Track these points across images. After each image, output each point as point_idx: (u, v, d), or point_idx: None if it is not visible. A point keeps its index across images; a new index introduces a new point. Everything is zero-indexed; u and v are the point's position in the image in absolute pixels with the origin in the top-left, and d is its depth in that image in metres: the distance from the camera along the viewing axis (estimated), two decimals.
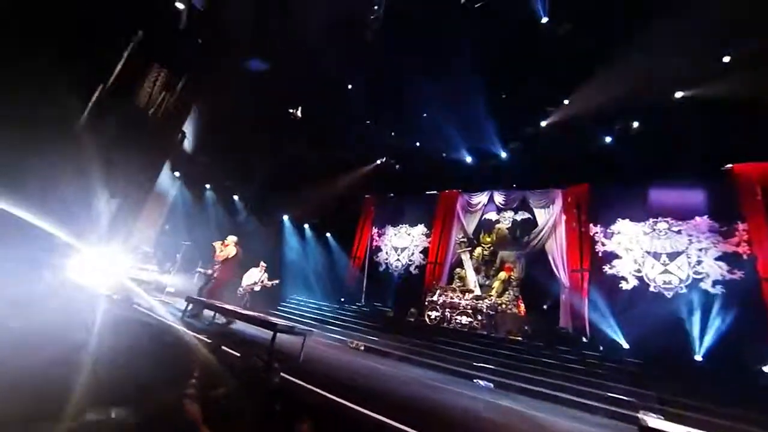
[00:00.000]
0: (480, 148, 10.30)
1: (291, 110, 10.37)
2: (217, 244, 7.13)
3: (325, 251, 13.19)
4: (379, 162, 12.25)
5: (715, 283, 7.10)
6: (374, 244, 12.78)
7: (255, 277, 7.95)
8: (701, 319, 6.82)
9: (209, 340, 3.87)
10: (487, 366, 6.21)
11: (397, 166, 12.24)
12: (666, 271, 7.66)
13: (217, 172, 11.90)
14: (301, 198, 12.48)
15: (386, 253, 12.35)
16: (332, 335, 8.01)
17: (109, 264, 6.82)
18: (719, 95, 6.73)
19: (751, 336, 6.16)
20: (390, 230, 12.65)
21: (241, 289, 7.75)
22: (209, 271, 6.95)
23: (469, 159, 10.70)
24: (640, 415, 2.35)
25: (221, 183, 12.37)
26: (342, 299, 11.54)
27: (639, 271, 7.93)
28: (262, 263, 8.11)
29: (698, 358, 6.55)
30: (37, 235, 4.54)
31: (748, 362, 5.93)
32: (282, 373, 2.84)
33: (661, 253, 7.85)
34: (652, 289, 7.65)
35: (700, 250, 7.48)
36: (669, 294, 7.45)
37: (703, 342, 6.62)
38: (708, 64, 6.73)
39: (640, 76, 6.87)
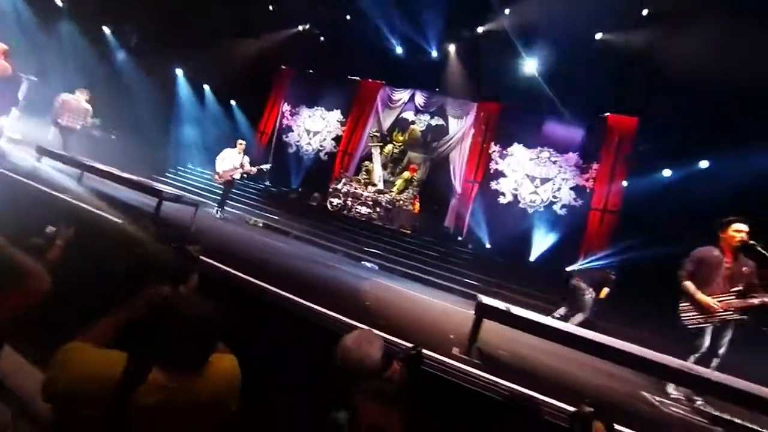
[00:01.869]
0: (413, 40, 9.64)
1: None
2: None
3: (227, 120, 11.82)
4: (301, 28, 10.59)
5: (563, 206, 8.87)
6: (285, 122, 11.93)
7: (233, 160, 6.41)
8: (544, 232, 8.66)
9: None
10: (377, 252, 7.05)
11: (321, 38, 10.80)
12: (535, 193, 9.17)
13: None
14: (205, 54, 10.31)
15: (298, 134, 11.74)
16: (229, 210, 7.84)
17: None
18: (629, 45, 7.34)
19: (568, 248, 8.20)
20: (304, 111, 11.82)
21: (216, 176, 6.35)
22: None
23: (399, 50, 10.02)
24: (478, 296, 3.04)
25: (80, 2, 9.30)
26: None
27: (516, 189, 9.33)
28: (240, 142, 6.65)
29: (532, 259, 8.52)
30: None
31: (561, 263, 8.06)
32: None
33: (536, 177, 9.24)
34: (521, 205, 9.19)
35: (563, 179, 9.03)
36: (530, 210, 9.09)
37: (538, 248, 8.56)
38: (629, 13, 7.11)
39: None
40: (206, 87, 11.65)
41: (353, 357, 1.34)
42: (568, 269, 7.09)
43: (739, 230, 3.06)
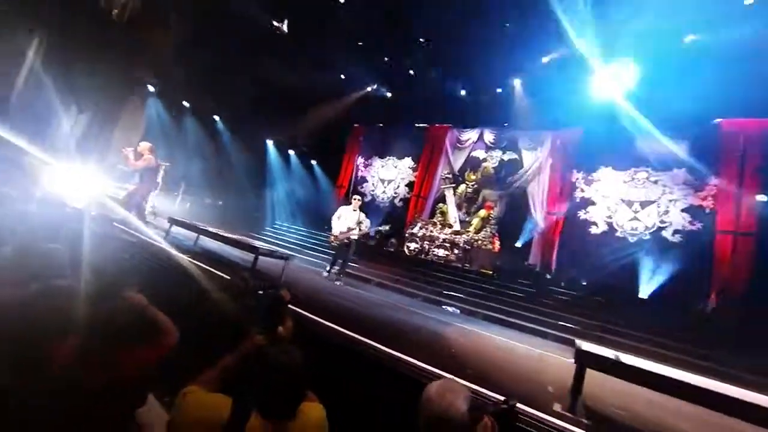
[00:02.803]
0: (476, 81, 9.85)
1: (275, 23, 9.42)
2: (129, 152, 5.84)
3: (310, 179, 13.16)
4: (369, 89, 11.63)
5: (675, 232, 7.59)
6: (360, 174, 12.78)
7: (349, 220, 5.96)
8: (655, 263, 7.42)
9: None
10: (457, 295, 6.78)
11: (389, 94, 11.68)
12: (635, 219, 8.08)
13: (196, 88, 11.13)
14: (287, 123, 12.01)
15: (372, 184, 12.43)
16: (315, 260, 8.41)
17: (86, 182, 6.66)
18: (732, 41, 6.41)
19: (694, 280, 6.85)
20: (377, 162, 12.57)
21: (332, 237, 5.99)
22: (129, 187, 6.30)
23: (463, 92, 10.28)
24: (577, 341, 2.70)
25: (200, 101, 11.66)
26: (327, 227, 11.84)
27: (610, 217, 8.34)
28: (355, 198, 6.26)
29: (643, 296, 7.28)
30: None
31: (686, 302, 6.71)
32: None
33: (634, 201, 8.19)
34: (618, 234, 8.14)
35: (671, 201, 7.83)
36: (633, 239, 7.97)
37: (651, 283, 7.31)
38: (729, 6, 6.30)
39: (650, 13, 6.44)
40: (291, 152, 13.27)
41: (436, 408, 1.28)
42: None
43: None
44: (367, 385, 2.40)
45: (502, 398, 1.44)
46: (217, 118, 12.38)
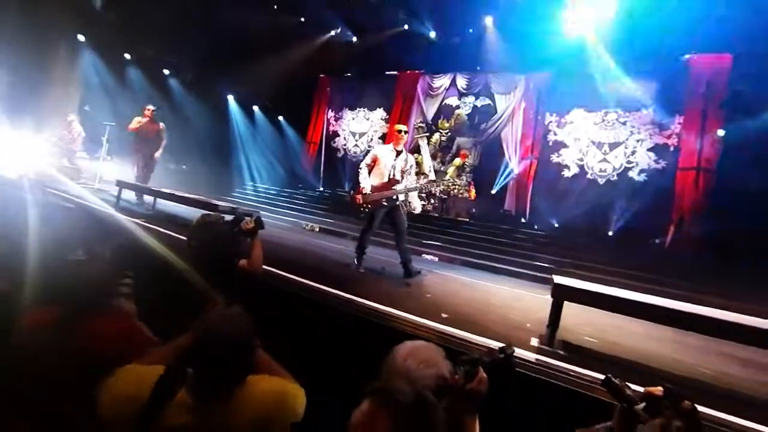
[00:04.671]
0: (446, 21, 9.23)
1: None
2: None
3: (279, 136, 12.44)
4: (333, 33, 10.70)
5: (641, 171, 7.78)
6: (331, 128, 12.20)
7: (390, 166, 3.93)
8: (622, 202, 7.67)
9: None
10: (435, 243, 6.82)
11: (354, 39, 10.82)
12: (604, 160, 8.20)
13: (136, 37, 9.86)
14: (247, 76, 10.98)
15: (344, 138, 11.93)
16: (287, 218, 8.17)
17: (21, 149, 5.96)
18: None
19: (657, 217, 7.17)
20: (348, 114, 11.98)
21: (358, 196, 4.05)
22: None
23: (433, 34, 9.65)
24: (554, 277, 2.71)
25: (144, 53, 10.41)
26: (300, 185, 11.49)
27: (581, 159, 8.42)
28: (400, 129, 4.07)
29: (610, 233, 7.60)
30: None
31: (650, 236, 7.07)
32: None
33: (604, 143, 8.25)
34: (589, 176, 8.28)
35: (638, 141, 7.93)
36: (601, 181, 8.14)
37: (618, 221, 7.60)
38: None
39: None
40: (255, 108, 12.37)
41: (394, 373, 1.07)
42: None
43: None
44: (347, 340, 2.32)
45: (496, 346, 1.25)
46: (166, 72, 11.19)
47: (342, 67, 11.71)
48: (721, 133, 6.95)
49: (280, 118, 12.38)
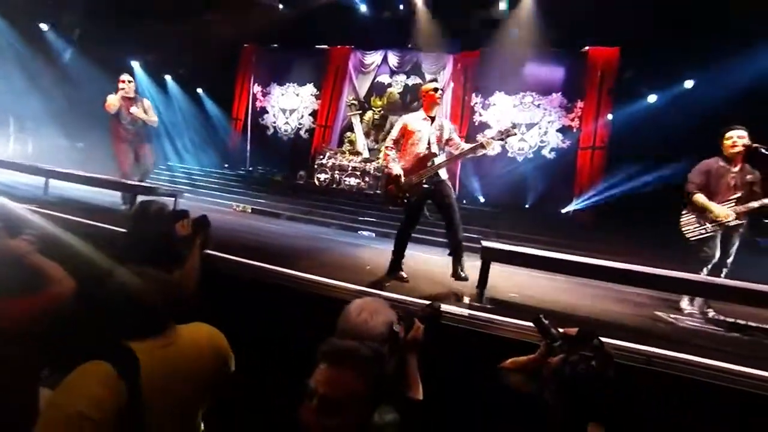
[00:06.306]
0: None
1: None
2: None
3: (198, 110, 11.26)
4: None
5: (551, 150, 8.74)
6: (258, 104, 11.41)
7: (424, 139, 3.19)
8: (536, 177, 8.58)
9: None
10: (371, 220, 6.94)
11: (280, 6, 10.10)
12: (522, 140, 9.00)
13: None
14: (156, 39, 9.59)
15: (273, 115, 11.27)
16: (214, 200, 7.60)
17: None
18: None
19: (563, 190, 8.19)
20: (276, 89, 11.28)
21: (390, 188, 3.42)
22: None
23: (363, 8, 9.44)
24: (482, 241, 2.97)
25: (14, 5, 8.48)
26: (226, 165, 10.67)
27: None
28: (431, 86, 3.19)
29: (527, 205, 8.50)
30: None
31: (557, 207, 8.08)
32: None
33: (521, 123, 9.03)
34: (509, 154, 9.04)
35: (549, 122, 8.85)
36: (520, 158, 8.96)
37: (532, 194, 8.52)
38: None
39: None
40: (167, 77, 10.99)
41: (350, 325, 1.18)
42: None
43: (730, 137, 3.01)
44: (287, 314, 2.29)
45: (425, 302, 1.49)
46: (44, 26, 9.27)
47: (268, 37, 10.89)
48: (610, 116, 8.08)
49: (199, 90, 11.20)
